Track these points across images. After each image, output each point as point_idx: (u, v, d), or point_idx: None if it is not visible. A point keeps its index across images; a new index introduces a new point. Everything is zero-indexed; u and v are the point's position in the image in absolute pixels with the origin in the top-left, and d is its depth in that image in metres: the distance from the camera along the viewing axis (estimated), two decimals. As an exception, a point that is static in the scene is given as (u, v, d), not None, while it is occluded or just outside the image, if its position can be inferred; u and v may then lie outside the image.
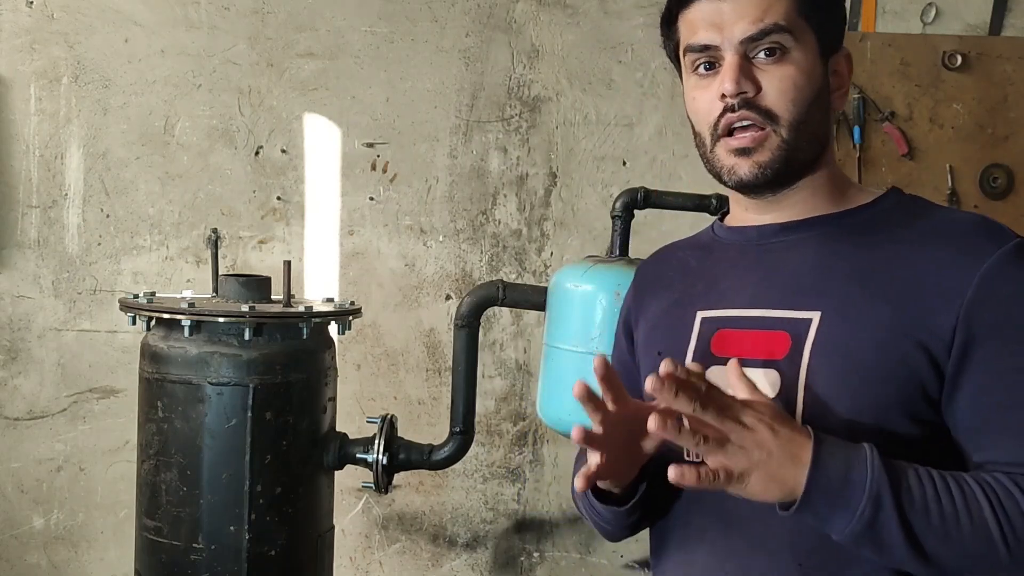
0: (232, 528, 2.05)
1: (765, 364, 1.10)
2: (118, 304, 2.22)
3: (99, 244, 3.01)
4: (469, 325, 2.33)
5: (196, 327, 2.05)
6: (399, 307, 3.06)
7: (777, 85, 1.11)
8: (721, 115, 1.12)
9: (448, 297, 3.06)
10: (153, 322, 2.13)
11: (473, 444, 2.42)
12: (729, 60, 1.11)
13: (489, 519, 3.10)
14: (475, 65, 3.03)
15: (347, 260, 3.05)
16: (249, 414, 2.04)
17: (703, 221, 2.43)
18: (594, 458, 1.06)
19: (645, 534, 1.30)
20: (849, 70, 1.20)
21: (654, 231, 2.97)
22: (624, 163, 3.05)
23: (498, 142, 3.05)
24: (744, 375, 1.05)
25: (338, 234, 3.04)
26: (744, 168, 1.13)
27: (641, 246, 2.62)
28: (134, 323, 2.16)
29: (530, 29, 3.03)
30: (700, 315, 1.19)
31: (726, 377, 1.05)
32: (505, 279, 2.65)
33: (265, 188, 3.02)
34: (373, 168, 3.04)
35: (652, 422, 0.93)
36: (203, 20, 2.99)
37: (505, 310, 3.00)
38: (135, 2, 2.97)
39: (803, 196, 1.17)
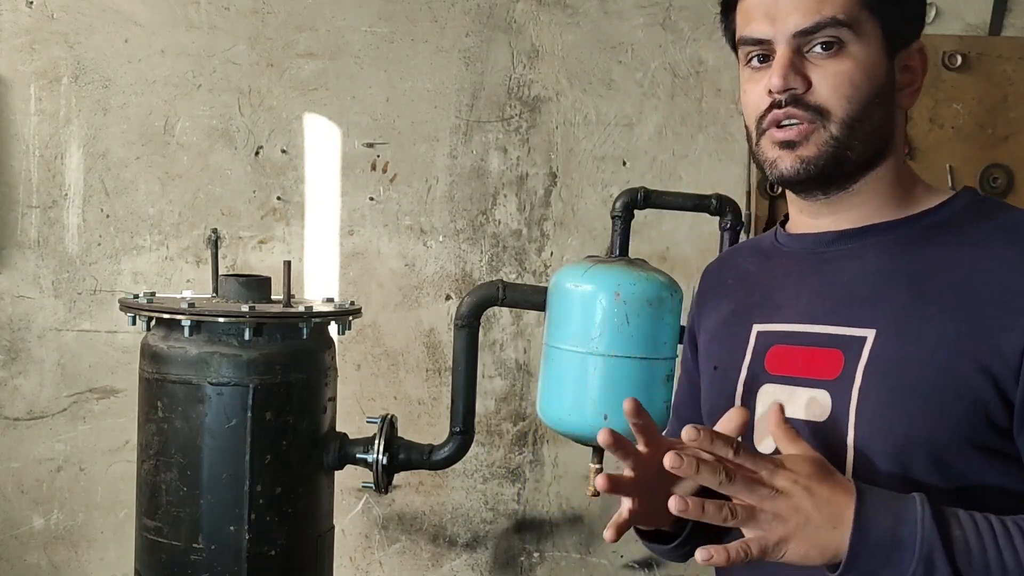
0: (232, 528, 2.05)
1: (816, 384, 1.04)
2: (118, 304, 2.22)
3: (99, 244, 3.01)
4: (469, 325, 2.32)
5: (196, 327, 2.05)
6: (399, 307, 3.06)
7: (831, 81, 1.03)
8: (768, 110, 1.06)
9: (448, 297, 3.06)
10: (153, 322, 2.13)
11: (473, 444, 2.42)
12: (780, 54, 1.05)
13: (489, 519, 3.10)
14: (475, 65, 3.03)
15: (347, 260, 3.05)
16: (249, 414, 2.04)
17: (703, 221, 2.45)
18: (626, 503, 0.99)
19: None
20: (923, 66, 1.11)
21: (654, 231, 2.98)
22: (624, 163, 3.04)
23: (498, 142, 3.04)
24: (784, 424, 0.98)
25: (338, 234, 3.04)
26: (787, 162, 1.06)
27: (641, 246, 2.64)
28: (134, 323, 2.16)
29: (530, 29, 3.03)
30: (756, 328, 1.13)
31: (767, 425, 0.99)
32: (505, 279, 2.64)
33: (265, 188, 3.02)
34: (373, 168, 3.04)
35: (673, 503, 0.88)
36: (203, 20, 2.99)
37: (505, 310, 3.00)
38: (135, 2, 2.97)
39: (863, 200, 1.09)
